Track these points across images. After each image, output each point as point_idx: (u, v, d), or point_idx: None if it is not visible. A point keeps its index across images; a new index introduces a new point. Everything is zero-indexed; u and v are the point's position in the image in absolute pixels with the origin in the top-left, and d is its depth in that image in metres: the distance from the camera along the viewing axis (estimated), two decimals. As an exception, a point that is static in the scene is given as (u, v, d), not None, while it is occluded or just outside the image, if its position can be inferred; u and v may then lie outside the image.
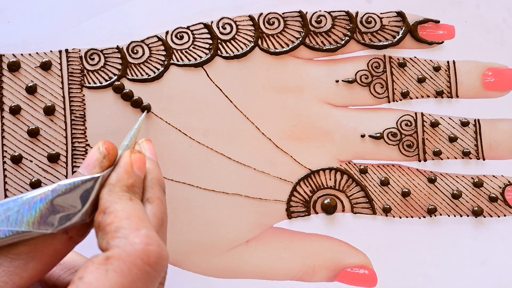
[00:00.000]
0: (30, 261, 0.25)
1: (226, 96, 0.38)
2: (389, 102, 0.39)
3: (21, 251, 0.25)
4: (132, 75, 0.37)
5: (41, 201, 0.26)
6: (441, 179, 0.39)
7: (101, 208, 0.26)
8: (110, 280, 0.23)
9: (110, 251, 0.24)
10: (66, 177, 0.36)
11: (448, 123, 0.39)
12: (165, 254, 0.25)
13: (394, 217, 0.38)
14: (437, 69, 0.39)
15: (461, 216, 0.38)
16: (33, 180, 0.36)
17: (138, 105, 0.37)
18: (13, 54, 0.37)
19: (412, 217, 0.38)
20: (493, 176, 0.39)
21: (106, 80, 0.37)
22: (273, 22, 0.39)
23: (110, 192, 0.27)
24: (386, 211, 0.38)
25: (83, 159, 0.36)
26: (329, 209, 0.38)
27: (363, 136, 0.38)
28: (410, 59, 0.39)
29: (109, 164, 0.28)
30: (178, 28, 0.38)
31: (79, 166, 0.36)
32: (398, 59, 0.39)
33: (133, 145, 0.31)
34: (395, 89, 0.39)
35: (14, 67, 0.37)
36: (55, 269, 0.29)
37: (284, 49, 0.38)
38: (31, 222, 0.25)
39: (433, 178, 0.38)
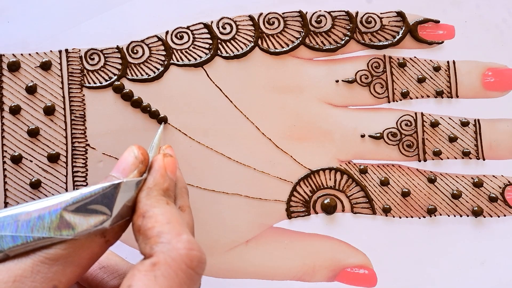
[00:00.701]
0: (68, 266, 0.25)
1: (226, 96, 0.38)
2: (389, 102, 0.39)
3: (59, 256, 0.25)
4: (132, 75, 0.37)
5: (72, 204, 0.26)
6: (441, 179, 0.39)
7: (139, 212, 0.26)
8: (160, 285, 0.24)
9: (155, 257, 0.25)
10: (66, 177, 0.36)
11: (448, 123, 0.39)
12: (204, 258, 0.26)
13: (394, 217, 0.38)
14: (437, 69, 0.39)
15: (461, 216, 0.38)
16: (33, 180, 0.36)
17: (138, 105, 0.37)
18: (13, 54, 0.37)
19: (412, 217, 0.38)
20: (493, 176, 0.39)
21: (106, 80, 0.37)
22: (273, 22, 0.39)
23: (148, 196, 0.27)
24: (386, 211, 0.38)
25: (83, 159, 0.36)
26: (329, 209, 0.38)
27: (363, 136, 0.38)
28: (410, 59, 0.39)
29: (145, 169, 0.28)
30: (178, 28, 0.38)
31: (79, 166, 0.36)
32: (398, 59, 0.39)
33: (157, 152, 0.32)
34: (395, 89, 0.39)
35: (14, 67, 0.37)
36: (98, 272, 0.30)
37: (284, 49, 0.38)
38: (52, 228, 0.25)
39: (433, 178, 0.38)
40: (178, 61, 0.38)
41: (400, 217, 0.38)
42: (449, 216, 0.38)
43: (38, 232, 0.25)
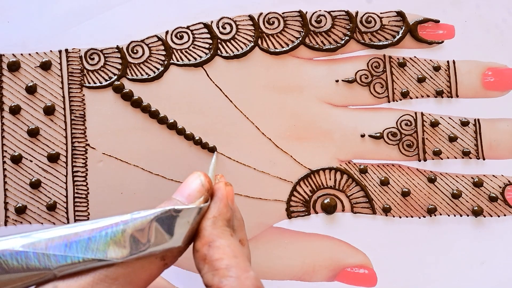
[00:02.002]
0: (126, 286, 0.25)
1: (226, 96, 0.38)
2: (389, 102, 0.39)
3: (119, 275, 0.25)
4: (132, 75, 0.37)
5: (130, 225, 0.26)
6: (441, 179, 0.39)
7: (205, 240, 0.27)
8: None
9: None
10: (66, 177, 0.36)
11: (448, 123, 0.39)
12: None
13: (394, 217, 0.38)
14: (437, 68, 0.39)
15: (461, 216, 0.38)
16: (33, 180, 0.36)
17: (138, 105, 0.37)
18: (13, 54, 0.37)
19: (412, 217, 0.38)
20: (493, 175, 0.39)
21: (106, 80, 0.37)
22: (273, 22, 0.39)
23: (214, 225, 0.27)
24: (386, 211, 0.38)
25: (83, 159, 0.36)
26: (329, 209, 0.38)
27: (363, 136, 0.38)
28: (410, 58, 0.39)
29: (208, 196, 0.29)
30: (178, 28, 0.38)
31: (79, 166, 0.36)
32: (398, 58, 0.39)
33: (214, 180, 0.32)
34: (395, 88, 0.39)
35: (14, 67, 0.37)
36: None
37: (284, 49, 0.38)
38: (103, 249, 0.26)
39: (433, 178, 0.38)
40: (178, 61, 0.38)
41: (400, 217, 0.38)
42: (449, 216, 0.38)
43: (88, 253, 0.26)
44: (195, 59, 0.38)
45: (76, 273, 0.25)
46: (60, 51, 0.37)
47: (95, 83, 0.37)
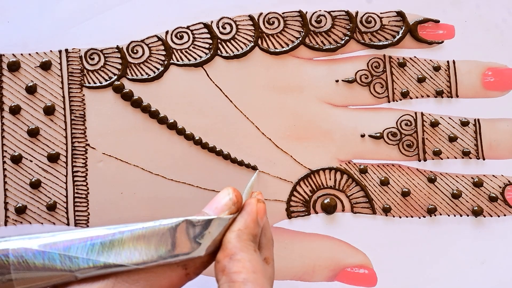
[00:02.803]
0: None
1: (226, 96, 0.38)
2: (389, 102, 0.39)
3: (140, 277, 0.26)
4: (132, 75, 0.37)
5: (153, 232, 0.27)
6: (441, 179, 0.39)
7: (227, 252, 0.27)
8: None
9: None
10: (66, 177, 0.36)
11: (448, 123, 0.39)
12: None
13: (394, 217, 0.38)
14: (437, 69, 0.39)
15: (461, 216, 0.38)
16: (33, 180, 0.36)
17: (138, 105, 0.37)
18: (13, 54, 0.37)
19: (412, 217, 0.38)
20: (493, 176, 0.39)
21: (106, 80, 0.37)
22: (273, 22, 0.39)
23: (238, 238, 0.27)
24: (386, 211, 0.38)
25: (83, 159, 0.36)
26: (329, 209, 0.38)
27: (363, 136, 0.38)
28: (410, 59, 0.39)
29: (236, 210, 0.29)
30: (178, 28, 0.38)
31: (79, 166, 0.36)
32: (398, 59, 0.39)
33: (249, 197, 0.32)
34: (395, 89, 0.39)
35: (14, 67, 0.37)
36: None
37: (284, 49, 0.38)
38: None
39: (433, 178, 0.38)
40: (178, 61, 0.38)
41: (400, 217, 0.38)
42: (449, 216, 0.38)
43: (110, 257, 0.26)
44: (195, 59, 0.38)
45: (88, 278, 0.26)
46: (60, 51, 0.37)
47: (95, 83, 0.37)
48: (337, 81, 0.39)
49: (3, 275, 0.26)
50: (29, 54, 0.37)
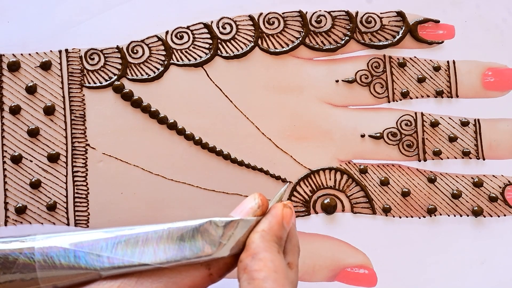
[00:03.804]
0: (169, 286, 0.26)
1: (226, 96, 0.38)
2: (389, 102, 0.39)
3: (164, 274, 0.26)
4: (132, 75, 0.37)
5: (178, 232, 0.27)
6: (441, 179, 0.39)
7: (250, 251, 0.27)
8: None
9: None
10: (66, 177, 0.36)
11: (448, 123, 0.39)
12: None
13: (394, 217, 0.38)
14: (437, 69, 0.39)
15: (461, 216, 0.38)
16: (33, 180, 0.36)
17: (138, 105, 0.37)
18: (13, 54, 0.37)
19: (412, 217, 0.38)
20: (493, 176, 0.39)
21: (106, 80, 0.37)
22: (273, 22, 0.39)
23: (262, 238, 0.27)
24: (386, 211, 0.38)
25: (83, 159, 0.36)
26: (329, 209, 0.38)
27: (363, 136, 0.38)
28: (410, 59, 0.39)
29: (261, 213, 0.29)
30: (178, 28, 0.38)
31: (79, 166, 0.36)
32: (398, 59, 0.39)
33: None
34: (395, 89, 0.39)
35: (14, 67, 0.37)
36: None
37: (284, 49, 0.38)
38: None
39: (433, 178, 0.38)
40: (178, 61, 0.38)
41: (400, 217, 0.38)
42: (449, 216, 0.38)
43: (134, 257, 0.26)
44: (195, 59, 0.38)
45: (111, 276, 0.26)
46: (60, 51, 0.37)
47: (95, 83, 0.37)
48: (337, 81, 0.39)
49: (27, 273, 0.26)
50: (29, 54, 0.37)
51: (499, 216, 0.39)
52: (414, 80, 0.39)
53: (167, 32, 0.38)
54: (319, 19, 0.39)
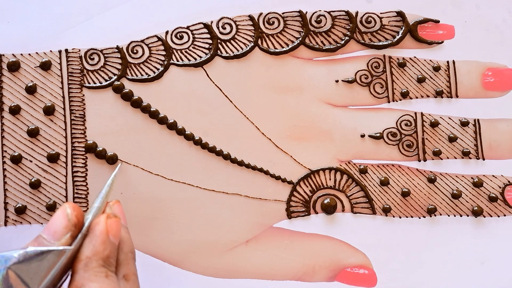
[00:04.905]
0: None
1: (226, 96, 0.38)
2: (389, 102, 0.39)
3: None
4: (132, 75, 0.37)
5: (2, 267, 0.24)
6: (441, 179, 0.39)
7: (75, 285, 0.25)
8: None
9: None
10: (66, 177, 0.36)
11: (448, 123, 0.39)
12: None
13: (394, 217, 0.38)
14: (437, 69, 0.39)
15: (461, 216, 0.38)
16: (33, 180, 0.36)
17: (138, 105, 0.37)
18: (13, 54, 0.37)
19: (412, 217, 0.38)
20: (493, 176, 0.39)
21: (106, 80, 0.37)
22: (273, 22, 0.39)
23: (86, 267, 0.26)
24: (386, 211, 0.38)
25: (83, 159, 0.36)
26: (329, 209, 0.38)
27: (363, 136, 0.38)
28: (410, 59, 0.39)
29: (78, 232, 0.26)
30: (178, 28, 0.38)
31: (79, 166, 0.36)
32: (398, 59, 0.39)
33: (104, 207, 0.30)
34: (395, 89, 0.39)
35: (14, 67, 0.37)
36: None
37: (284, 49, 0.38)
38: None
39: (433, 178, 0.38)
40: (178, 61, 0.38)
41: (400, 217, 0.38)
42: (449, 216, 0.38)
43: None
44: (195, 59, 0.38)
45: None
46: (60, 51, 0.37)
47: (95, 83, 0.37)
48: (337, 81, 0.39)
49: None
50: (29, 54, 0.37)
51: (499, 216, 0.39)
52: (414, 80, 0.39)
53: (167, 32, 0.38)
54: (319, 19, 0.39)
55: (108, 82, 0.37)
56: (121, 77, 0.37)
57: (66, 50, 0.37)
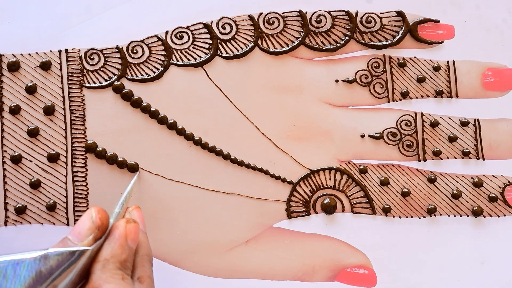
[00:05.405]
0: None
1: (226, 96, 0.38)
2: (389, 102, 0.39)
3: None
4: (132, 75, 0.37)
5: (27, 269, 0.25)
6: (441, 179, 0.39)
7: (92, 285, 0.26)
8: None
9: None
10: (66, 177, 0.36)
11: (448, 123, 0.39)
12: None
13: (394, 217, 0.38)
14: (437, 69, 0.39)
15: (461, 216, 0.38)
16: (33, 180, 0.36)
17: (138, 105, 0.37)
18: (13, 54, 0.37)
19: (412, 217, 0.38)
20: (493, 176, 0.39)
21: (106, 80, 0.37)
22: (273, 22, 0.39)
23: (103, 268, 0.26)
24: (386, 211, 0.38)
25: (83, 159, 0.36)
26: (329, 209, 0.38)
27: (363, 136, 0.38)
28: (410, 59, 0.39)
29: (101, 234, 0.27)
30: (178, 28, 0.38)
31: (79, 166, 0.36)
32: (398, 59, 0.39)
33: (124, 212, 0.31)
34: (395, 89, 0.39)
35: (14, 67, 0.37)
36: None
37: (284, 49, 0.38)
38: None
39: (433, 178, 0.38)
40: (178, 61, 0.38)
41: (400, 217, 0.38)
42: (449, 216, 0.38)
43: None
44: (195, 59, 0.38)
45: None
46: (60, 51, 0.37)
47: (95, 83, 0.37)
48: (337, 81, 0.39)
49: None
50: (29, 54, 0.37)
51: (499, 216, 0.39)
52: (414, 80, 0.39)
53: (167, 32, 0.38)
54: (319, 19, 0.39)
55: (108, 82, 0.37)
56: (121, 77, 0.37)
57: (66, 50, 0.37)
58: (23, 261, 0.25)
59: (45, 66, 0.37)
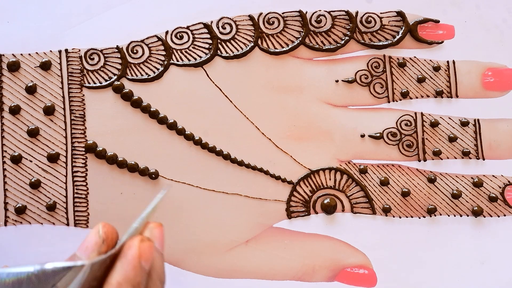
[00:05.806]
0: None
1: (226, 96, 0.38)
2: (389, 102, 0.39)
3: None
4: (132, 75, 0.37)
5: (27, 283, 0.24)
6: (441, 179, 0.39)
7: None
8: None
9: None
10: (66, 177, 0.36)
11: (448, 123, 0.39)
12: None
13: (394, 217, 0.38)
14: (437, 69, 0.39)
15: (461, 216, 0.38)
16: (33, 180, 0.36)
17: (138, 105, 0.37)
18: (13, 54, 0.37)
19: (412, 217, 0.38)
20: (493, 176, 0.39)
21: (106, 80, 0.37)
22: (273, 22, 0.39)
23: None
24: (386, 211, 0.38)
25: (83, 159, 0.36)
26: (329, 209, 0.38)
27: (363, 136, 0.38)
28: (410, 59, 0.39)
29: (107, 249, 0.26)
30: (178, 28, 0.38)
31: (79, 166, 0.36)
32: (398, 59, 0.39)
33: (143, 228, 0.28)
34: (395, 89, 0.39)
35: (14, 67, 0.37)
36: None
37: (284, 49, 0.38)
38: None
39: (433, 178, 0.38)
40: (178, 61, 0.38)
41: (400, 217, 0.38)
42: (449, 216, 0.38)
43: None
44: (195, 59, 0.38)
45: None
46: (60, 51, 0.37)
47: (95, 83, 0.37)
48: (337, 81, 0.39)
49: None
50: (29, 54, 0.37)
51: (499, 216, 0.39)
52: (414, 80, 0.39)
53: (167, 32, 0.38)
54: (319, 19, 0.39)
55: (108, 82, 0.37)
56: (121, 77, 0.37)
57: (66, 50, 0.37)
58: (19, 274, 0.24)
59: (45, 66, 0.37)
